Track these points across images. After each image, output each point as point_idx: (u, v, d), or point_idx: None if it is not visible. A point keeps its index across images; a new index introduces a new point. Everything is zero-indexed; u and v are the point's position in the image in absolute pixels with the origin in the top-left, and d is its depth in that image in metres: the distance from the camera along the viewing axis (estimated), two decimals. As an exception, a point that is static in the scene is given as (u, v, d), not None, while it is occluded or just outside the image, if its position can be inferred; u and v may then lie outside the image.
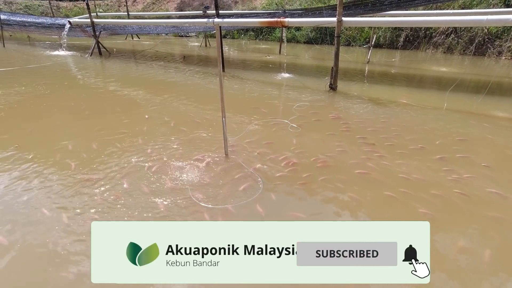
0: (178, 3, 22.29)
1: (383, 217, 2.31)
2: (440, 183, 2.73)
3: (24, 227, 2.12)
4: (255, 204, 2.40)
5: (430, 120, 4.33)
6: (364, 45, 13.08)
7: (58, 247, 1.94)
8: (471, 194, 2.56)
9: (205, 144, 3.46)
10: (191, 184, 2.65)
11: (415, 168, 2.96)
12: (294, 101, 5.19)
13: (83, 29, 11.60)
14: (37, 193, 2.52)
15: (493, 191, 2.59)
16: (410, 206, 2.41)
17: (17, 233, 2.07)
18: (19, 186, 2.61)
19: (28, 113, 4.50)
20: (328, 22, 6.32)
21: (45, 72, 7.73)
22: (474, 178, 2.80)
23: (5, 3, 18.42)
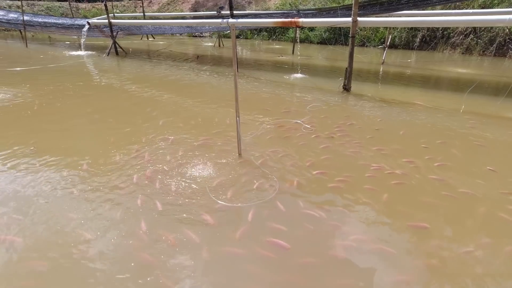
0: (192, 3, 22.56)
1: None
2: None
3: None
4: (274, 202, 2.42)
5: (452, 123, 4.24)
6: (379, 46, 12.89)
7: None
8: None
9: (218, 143, 3.50)
10: (205, 182, 2.69)
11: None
12: (307, 102, 5.19)
13: (101, 29, 11.93)
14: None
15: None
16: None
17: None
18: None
19: (48, 111, 4.66)
20: (343, 22, 6.27)
21: (65, 71, 7.99)
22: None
23: (28, 5, 19.11)
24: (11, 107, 4.72)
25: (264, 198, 2.47)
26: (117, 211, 2.28)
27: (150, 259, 1.85)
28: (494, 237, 2.08)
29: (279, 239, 2.02)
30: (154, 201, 2.40)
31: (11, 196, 2.47)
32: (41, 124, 4.12)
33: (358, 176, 2.83)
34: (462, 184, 2.69)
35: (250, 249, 1.95)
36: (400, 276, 1.77)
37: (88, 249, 1.91)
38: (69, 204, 2.37)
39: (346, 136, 3.74)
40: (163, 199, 2.43)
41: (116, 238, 2.01)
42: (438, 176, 2.81)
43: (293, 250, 1.95)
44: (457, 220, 2.25)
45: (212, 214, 2.26)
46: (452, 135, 3.82)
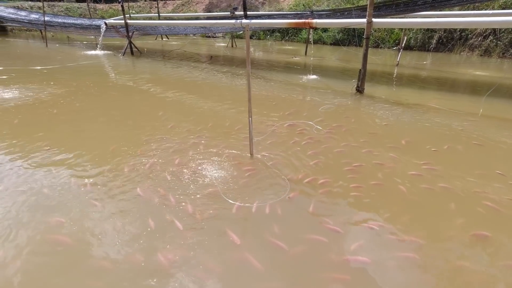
0: (206, 4, 22.78)
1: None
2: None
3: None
4: (285, 203, 2.44)
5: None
6: (393, 47, 12.69)
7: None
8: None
9: (229, 143, 3.54)
10: (217, 181, 2.73)
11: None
12: (319, 103, 5.17)
13: (117, 29, 12.21)
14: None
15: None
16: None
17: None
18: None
19: (65, 110, 4.81)
20: (357, 23, 6.22)
21: (83, 70, 8.22)
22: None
23: (48, 6, 19.73)
24: (29, 105, 4.89)
25: (275, 199, 2.48)
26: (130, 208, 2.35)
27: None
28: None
29: (278, 241, 2.03)
30: (169, 197, 2.45)
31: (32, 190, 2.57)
32: (57, 122, 4.25)
33: (368, 176, 2.81)
34: (475, 187, 2.64)
35: (252, 247, 1.97)
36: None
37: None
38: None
39: (357, 137, 3.71)
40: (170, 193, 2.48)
41: (128, 233, 2.07)
42: (447, 184, 2.76)
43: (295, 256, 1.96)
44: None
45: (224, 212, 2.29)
46: (472, 137, 3.74)
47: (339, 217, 2.29)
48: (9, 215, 2.24)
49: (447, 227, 2.18)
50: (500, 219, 2.28)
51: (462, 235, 2.10)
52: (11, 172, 2.84)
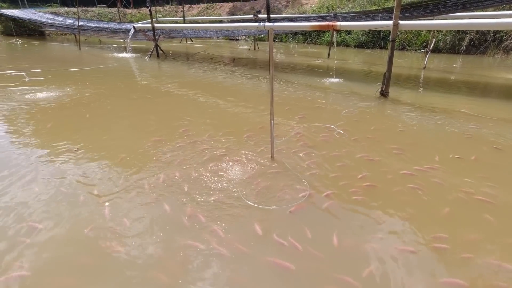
0: (230, 7, 23.13)
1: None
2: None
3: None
4: (302, 206, 2.46)
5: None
6: (420, 50, 12.27)
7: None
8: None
9: (251, 145, 3.59)
10: (237, 183, 2.79)
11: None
12: (342, 107, 5.12)
13: (144, 33, 12.71)
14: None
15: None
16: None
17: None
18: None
19: (94, 110, 5.09)
20: (383, 26, 6.10)
21: (112, 72, 8.64)
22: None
23: (82, 11, 20.85)
24: (62, 105, 5.22)
25: (295, 202, 2.50)
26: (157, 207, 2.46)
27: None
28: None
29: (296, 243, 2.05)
30: (182, 200, 2.54)
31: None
32: (86, 123, 4.51)
33: (391, 185, 2.76)
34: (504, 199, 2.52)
35: (262, 251, 2.01)
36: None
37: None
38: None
39: (380, 143, 3.64)
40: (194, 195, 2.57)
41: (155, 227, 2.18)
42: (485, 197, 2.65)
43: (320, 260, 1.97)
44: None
45: (241, 212, 2.35)
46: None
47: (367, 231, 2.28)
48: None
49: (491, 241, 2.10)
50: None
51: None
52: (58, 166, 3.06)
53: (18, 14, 19.02)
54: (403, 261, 1.91)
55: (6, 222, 2.24)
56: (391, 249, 2.00)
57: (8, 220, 2.26)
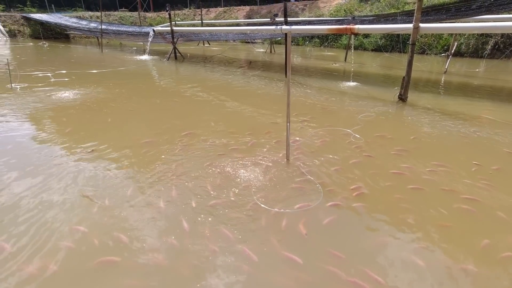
0: (247, 11, 23.34)
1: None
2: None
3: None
4: (315, 210, 2.45)
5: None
6: (441, 54, 11.94)
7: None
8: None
9: (266, 148, 3.61)
10: (252, 185, 2.81)
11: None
12: (359, 111, 5.06)
13: (163, 36, 13.02)
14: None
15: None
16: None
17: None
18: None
19: (112, 111, 5.26)
20: (403, 29, 6.00)
21: (132, 74, 8.89)
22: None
23: (105, 15, 21.61)
24: (82, 105, 5.42)
25: (309, 206, 2.50)
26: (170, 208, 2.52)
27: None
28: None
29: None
30: (190, 201, 2.59)
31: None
32: (103, 124, 4.66)
33: (403, 190, 2.70)
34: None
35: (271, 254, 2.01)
36: None
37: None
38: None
39: (396, 148, 3.57)
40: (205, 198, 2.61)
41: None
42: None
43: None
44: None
45: (252, 216, 2.36)
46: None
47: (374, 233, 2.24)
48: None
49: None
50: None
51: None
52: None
53: (46, 18, 19.95)
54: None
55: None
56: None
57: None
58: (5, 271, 1.83)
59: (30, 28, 21.05)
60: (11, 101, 5.49)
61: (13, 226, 2.21)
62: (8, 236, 2.11)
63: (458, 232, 2.21)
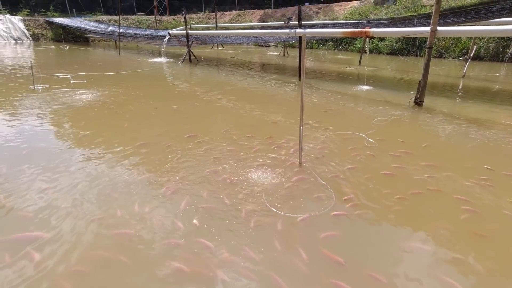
0: (261, 14, 23.49)
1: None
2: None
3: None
4: (327, 215, 2.44)
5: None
6: (459, 57, 11.64)
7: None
8: None
9: (279, 151, 3.62)
10: (263, 188, 2.82)
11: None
12: (373, 115, 4.99)
13: (178, 39, 13.28)
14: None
15: None
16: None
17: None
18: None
19: (128, 112, 5.39)
20: (420, 32, 5.90)
21: (148, 76, 9.10)
22: None
23: (123, 19, 22.20)
24: (98, 106, 5.58)
25: (320, 211, 2.49)
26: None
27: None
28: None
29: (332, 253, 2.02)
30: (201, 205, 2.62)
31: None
32: (119, 125, 4.79)
33: (418, 202, 2.65)
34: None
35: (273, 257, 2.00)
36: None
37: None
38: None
39: (411, 155, 3.51)
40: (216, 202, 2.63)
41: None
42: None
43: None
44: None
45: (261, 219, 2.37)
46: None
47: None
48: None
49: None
50: None
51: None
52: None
53: (67, 22, 20.72)
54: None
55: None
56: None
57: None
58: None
59: (52, 32, 21.90)
60: (33, 102, 5.71)
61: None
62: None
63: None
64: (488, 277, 1.82)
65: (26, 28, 21.28)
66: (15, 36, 20.66)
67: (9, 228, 2.23)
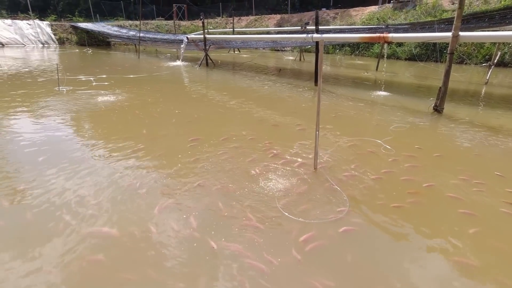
0: (278, 19, 23.60)
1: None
2: None
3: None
4: (341, 221, 2.42)
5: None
6: (482, 64, 11.26)
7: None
8: None
9: (293, 155, 3.62)
10: (277, 193, 2.83)
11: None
12: (390, 121, 4.91)
13: (196, 43, 13.53)
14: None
15: None
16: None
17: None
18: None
19: (146, 114, 5.53)
20: (441, 38, 5.78)
21: (165, 79, 9.32)
22: None
23: (143, 24, 22.87)
24: (117, 108, 5.76)
25: (334, 217, 2.47)
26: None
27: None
28: None
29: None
30: (218, 203, 2.65)
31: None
32: (137, 127, 4.92)
33: (437, 214, 2.58)
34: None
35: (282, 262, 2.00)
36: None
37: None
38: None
39: (430, 163, 3.42)
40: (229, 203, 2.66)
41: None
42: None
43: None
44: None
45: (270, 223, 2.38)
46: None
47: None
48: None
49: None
50: None
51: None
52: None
53: (91, 27, 21.58)
54: None
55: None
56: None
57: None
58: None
59: (76, 36, 22.85)
60: (58, 103, 5.97)
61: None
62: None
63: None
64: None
65: (53, 32, 22.30)
66: (43, 40, 21.68)
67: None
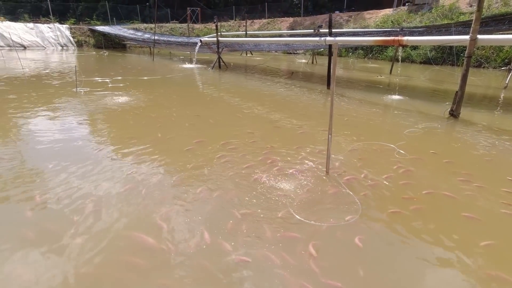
0: (290, 22, 23.64)
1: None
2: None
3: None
4: (353, 225, 2.41)
5: None
6: (501, 67, 10.95)
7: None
8: None
9: (306, 159, 3.62)
10: (288, 196, 2.84)
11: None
12: (404, 126, 4.84)
13: (209, 46, 13.70)
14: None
15: None
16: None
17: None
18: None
19: (157, 115, 5.63)
20: (458, 41, 5.66)
21: (179, 81, 9.48)
22: None
23: (157, 27, 23.33)
24: (129, 108, 5.89)
25: (345, 221, 2.46)
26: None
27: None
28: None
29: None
30: (232, 210, 2.67)
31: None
32: (149, 128, 5.02)
33: (449, 222, 2.53)
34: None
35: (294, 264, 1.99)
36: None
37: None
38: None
39: (447, 169, 3.36)
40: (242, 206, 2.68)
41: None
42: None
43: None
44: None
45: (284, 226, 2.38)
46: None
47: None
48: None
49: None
50: None
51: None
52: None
53: (107, 30, 22.18)
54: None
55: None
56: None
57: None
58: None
59: (94, 39, 23.53)
60: (75, 104, 6.16)
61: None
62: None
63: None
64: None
65: (72, 35, 23.03)
66: (62, 43, 22.42)
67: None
